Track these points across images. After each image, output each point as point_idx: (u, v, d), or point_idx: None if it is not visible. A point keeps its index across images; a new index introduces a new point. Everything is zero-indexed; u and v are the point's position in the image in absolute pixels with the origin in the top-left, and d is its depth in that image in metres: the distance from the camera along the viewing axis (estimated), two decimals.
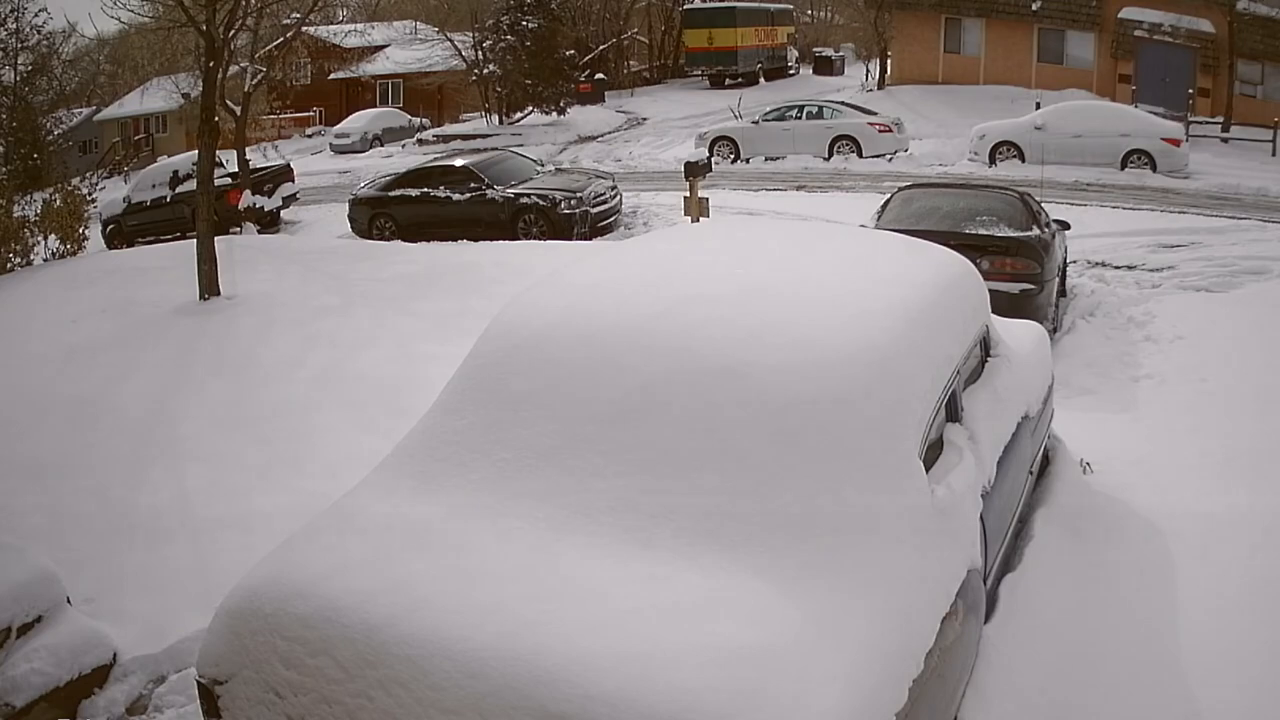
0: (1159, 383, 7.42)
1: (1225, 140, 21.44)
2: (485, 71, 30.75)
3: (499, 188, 15.03)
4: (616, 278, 3.83)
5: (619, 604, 2.72)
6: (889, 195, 9.99)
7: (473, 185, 15.15)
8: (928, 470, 3.29)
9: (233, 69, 16.94)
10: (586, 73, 34.14)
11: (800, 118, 21.06)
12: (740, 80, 34.28)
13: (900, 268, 3.92)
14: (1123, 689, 3.81)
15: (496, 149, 19.42)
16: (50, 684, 4.11)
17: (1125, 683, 3.84)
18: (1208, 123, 22.56)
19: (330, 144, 32.92)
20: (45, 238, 14.70)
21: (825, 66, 37.58)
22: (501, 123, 30.90)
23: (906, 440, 3.19)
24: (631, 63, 42.03)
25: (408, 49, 36.52)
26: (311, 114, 40.25)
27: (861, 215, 10.40)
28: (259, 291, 10.60)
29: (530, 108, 30.41)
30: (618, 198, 15.42)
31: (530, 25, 29.34)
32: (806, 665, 2.57)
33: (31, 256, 14.38)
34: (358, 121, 33.60)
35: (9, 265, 13.94)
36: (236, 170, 17.71)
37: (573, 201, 14.43)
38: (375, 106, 37.15)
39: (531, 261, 10.73)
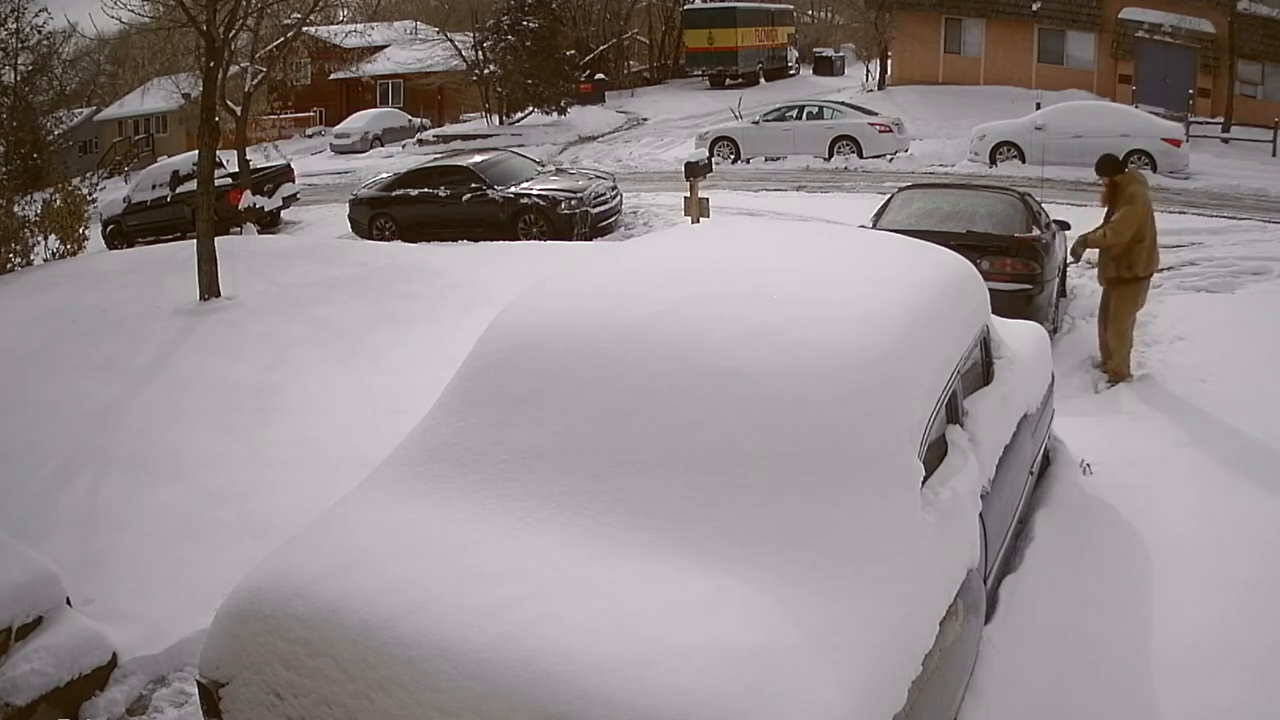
0: (1159, 383, 7.42)
1: (1225, 140, 21.44)
2: (486, 71, 30.77)
3: (499, 188, 15.03)
4: (617, 279, 3.82)
5: (619, 605, 2.72)
6: (889, 195, 9.99)
7: (473, 185, 15.15)
8: (928, 471, 3.29)
9: (233, 69, 16.96)
10: (587, 73, 34.17)
11: (800, 118, 21.05)
12: (740, 80, 34.30)
13: (900, 269, 3.91)
14: (1122, 689, 3.81)
15: (497, 149, 19.42)
16: (50, 684, 4.10)
17: (1125, 683, 3.84)
18: (1208, 123, 22.58)
19: (330, 144, 32.94)
20: (45, 238, 14.71)
21: (825, 67, 37.60)
22: (502, 123, 30.91)
23: (906, 441, 3.19)
24: (632, 63, 42.07)
25: (408, 49, 36.54)
26: (312, 114, 40.26)
27: (861, 216, 10.39)
28: (260, 292, 10.61)
29: (530, 108, 30.42)
30: (618, 198, 15.42)
31: (531, 25, 29.36)
32: (806, 666, 2.57)
33: (31, 256, 14.39)
34: (358, 122, 33.61)
35: (9, 265, 13.95)
36: (237, 170, 17.71)
37: (573, 202, 14.43)
38: (375, 107, 37.15)
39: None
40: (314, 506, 3.92)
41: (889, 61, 30.86)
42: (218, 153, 11.95)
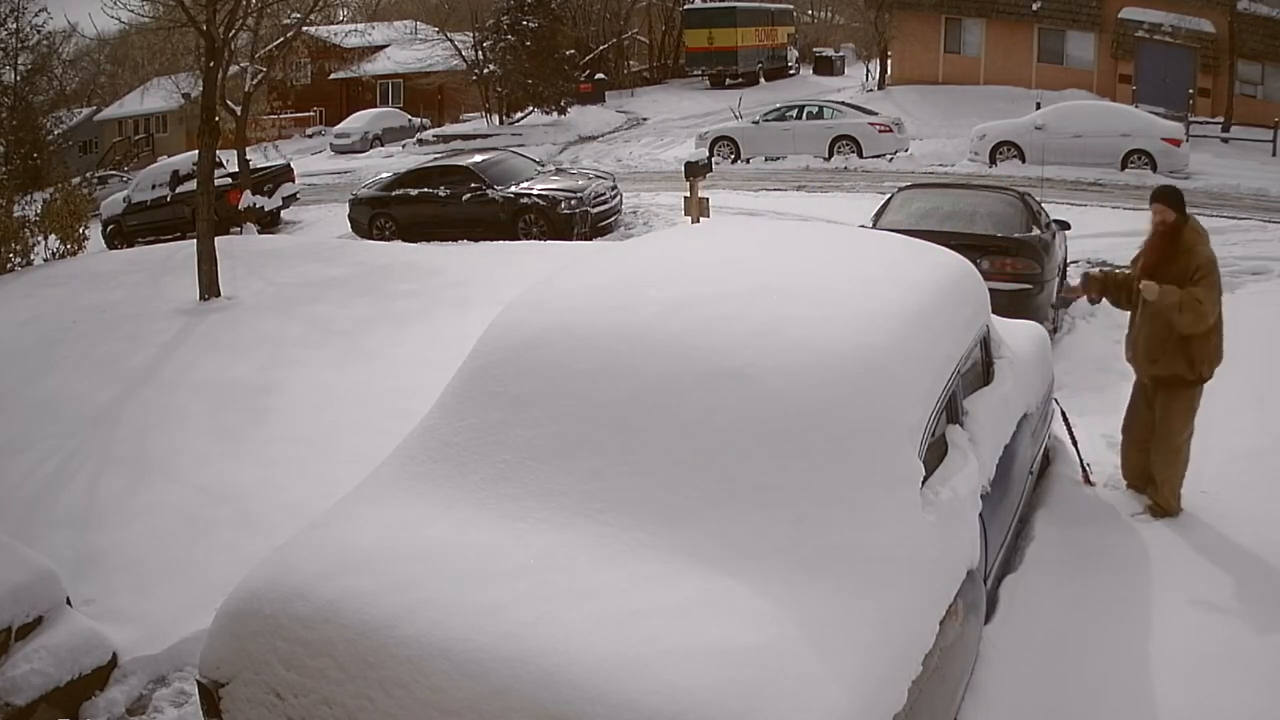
0: None
1: (1225, 140, 21.45)
2: (485, 71, 30.76)
3: (499, 188, 15.03)
4: (616, 279, 3.83)
5: (619, 604, 2.72)
6: (889, 195, 9.98)
7: (473, 185, 15.15)
8: (928, 471, 3.29)
9: (233, 69, 16.94)
10: (587, 73, 34.15)
11: (800, 118, 21.05)
12: (740, 80, 34.29)
13: (900, 268, 3.92)
14: (1122, 689, 3.81)
15: (497, 149, 19.42)
16: (50, 684, 4.11)
17: (1124, 683, 3.84)
18: (1208, 123, 22.58)
19: (330, 144, 32.95)
20: (45, 238, 14.71)
21: (825, 66, 37.58)
22: (501, 123, 30.91)
23: (906, 441, 3.19)
24: (632, 63, 42.05)
25: (408, 49, 36.53)
26: (312, 114, 40.26)
27: (861, 215, 10.39)
28: (259, 291, 10.61)
29: (530, 108, 30.42)
30: (618, 198, 15.42)
31: (530, 25, 29.35)
32: (806, 666, 2.57)
33: (31, 256, 14.39)
34: (358, 122, 33.61)
35: (9, 265, 13.95)
36: (236, 170, 17.71)
37: (573, 201, 14.43)
38: (375, 106, 37.15)
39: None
40: (314, 506, 3.92)
41: (889, 61, 30.84)
42: (218, 153, 11.94)
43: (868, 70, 32.53)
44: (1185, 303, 4.76)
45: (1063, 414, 5.81)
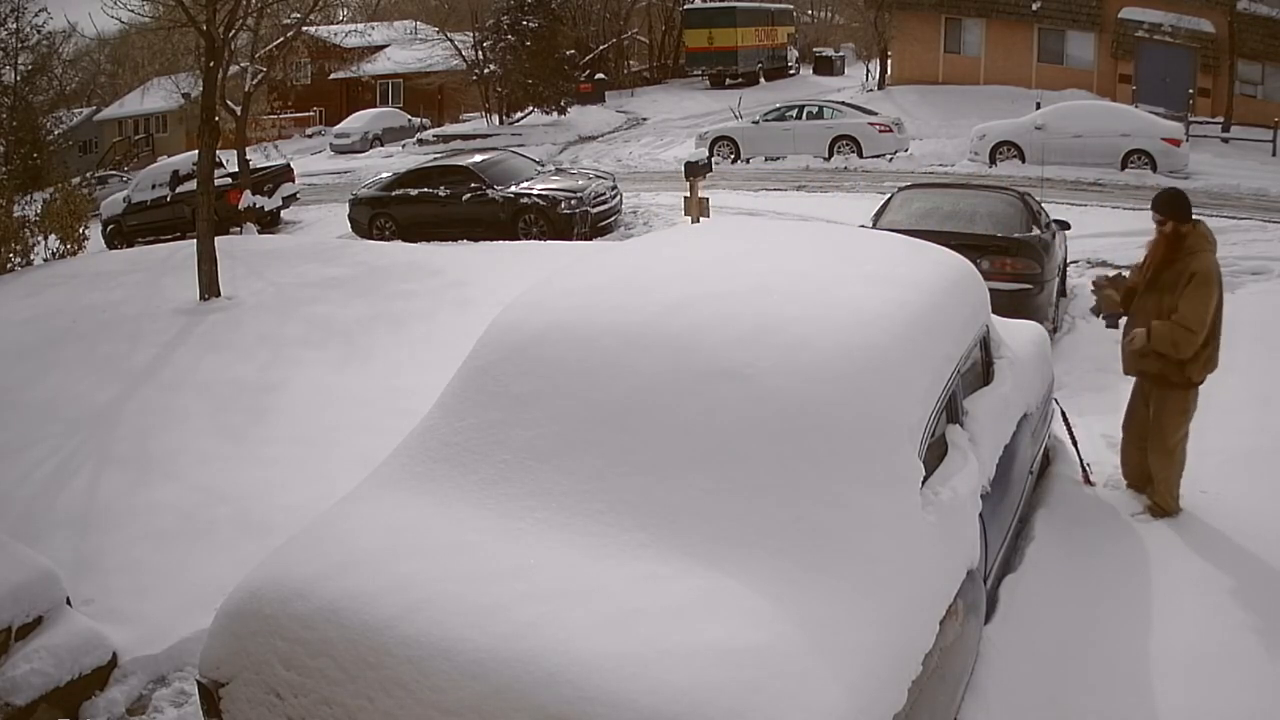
0: None
1: (1225, 140, 21.44)
2: (485, 71, 30.75)
3: (499, 188, 15.03)
4: (616, 279, 3.83)
5: (619, 604, 2.72)
6: (889, 195, 9.99)
7: (473, 185, 15.15)
8: (928, 471, 3.29)
9: (233, 69, 16.94)
10: (587, 73, 34.15)
11: (800, 118, 21.05)
12: (740, 80, 34.29)
13: (900, 268, 3.92)
14: (1122, 689, 3.81)
15: (497, 149, 19.42)
16: (50, 684, 4.11)
17: (1125, 683, 3.84)
18: (1208, 123, 22.58)
19: (330, 144, 32.95)
20: (45, 238, 14.72)
21: (825, 66, 37.60)
22: (501, 123, 30.90)
23: (906, 441, 3.19)
24: (632, 63, 42.05)
25: (408, 49, 36.55)
26: (312, 114, 40.27)
27: (861, 215, 10.39)
28: (259, 292, 10.61)
29: (530, 108, 30.42)
30: (618, 198, 15.42)
31: (531, 25, 29.35)
32: (805, 666, 2.57)
33: (31, 256, 14.40)
34: (358, 121, 33.61)
35: (9, 265, 13.96)
36: (236, 170, 17.71)
37: (573, 201, 14.43)
38: (375, 106, 37.15)
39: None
40: (314, 506, 3.92)
41: (889, 61, 30.84)
42: (218, 152, 11.95)
43: (868, 70, 32.53)
44: (1168, 336, 4.84)
45: (1063, 414, 5.82)
